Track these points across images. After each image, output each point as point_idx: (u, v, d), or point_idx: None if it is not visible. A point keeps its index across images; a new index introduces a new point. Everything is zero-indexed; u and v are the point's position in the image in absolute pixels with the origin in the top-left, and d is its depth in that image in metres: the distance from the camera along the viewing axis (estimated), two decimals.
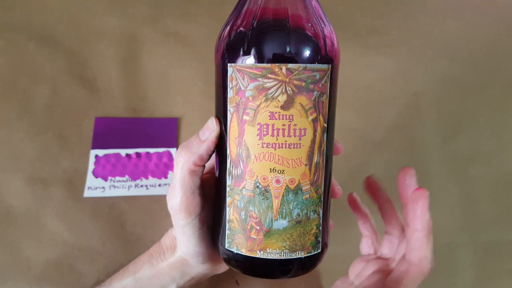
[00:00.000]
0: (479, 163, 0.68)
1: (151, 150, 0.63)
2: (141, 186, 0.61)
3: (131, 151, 0.63)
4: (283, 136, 0.33)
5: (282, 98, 0.32)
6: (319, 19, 0.34)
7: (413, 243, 0.40)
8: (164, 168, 0.63)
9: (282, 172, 0.33)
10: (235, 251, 0.36)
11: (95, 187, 0.60)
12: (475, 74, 0.75)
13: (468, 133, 0.70)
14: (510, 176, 0.67)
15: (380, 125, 0.69)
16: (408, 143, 0.68)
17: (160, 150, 0.64)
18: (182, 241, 0.41)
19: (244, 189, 0.34)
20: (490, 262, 0.61)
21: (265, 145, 0.33)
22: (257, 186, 0.34)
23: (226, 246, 0.36)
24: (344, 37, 0.74)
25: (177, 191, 0.38)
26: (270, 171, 0.33)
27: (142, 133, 0.64)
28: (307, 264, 0.37)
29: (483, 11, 0.81)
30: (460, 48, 0.77)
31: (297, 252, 0.35)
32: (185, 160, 0.37)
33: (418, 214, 0.39)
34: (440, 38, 0.77)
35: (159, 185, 0.61)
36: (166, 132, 0.65)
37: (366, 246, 0.50)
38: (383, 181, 0.65)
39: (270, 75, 0.32)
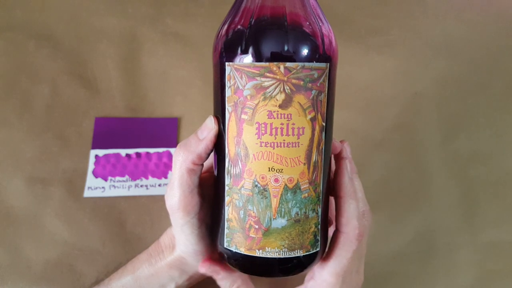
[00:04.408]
0: (479, 163, 0.68)
1: (151, 150, 0.63)
2: (141, 186, 0.61)
3: (131, 151, 0.63)
4: (282, 135, 0.33)
5: (281, 97, 0.32)
6: (317, 17, 0.34)
7: (337, 210, 0.39)
8: (164, 168, 0.63)
9: (281, 171, 0.33)
10: (234, 250, 0.36)
11: (95, 187, 0.60)
12: (475, 74, 0.75)
13: (468, 133, 0.70)
14: (510, 176, 0.67)
15: (380, 125, 0.69)
16: (408, 143, 0.68)
17: (160, 150, 0.64)
18: (181, 240, 0.41)
19: (242, 188, 0.34)
20: (490, 262, 0.61)
21: (263, 144, 0.33)
22: (256, 185, 0.34)
23: (225, 245, 0.36)
24: (344, 37, 0.75)
25: (175, 190, 0.38)
26: (269, 170, 0.33)
27: (142, 133, 0.64)
28: (306, 263, 0.37)
29: (483, 11, 0.81)
30: (460, 48, 0.77)
31: (296, 251, 0.35)
32: (184, 159, 0.37)
33: (337, 179, 0.39)
34: (440, 38, 0.77)
35: (159, 185, 0.61)
36: (166, 132, 0.65)
37: None
38: (383, 181, 0.65)
39: (268, 74, 0.32)
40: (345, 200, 0.38)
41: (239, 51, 0.33)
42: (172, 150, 0.64)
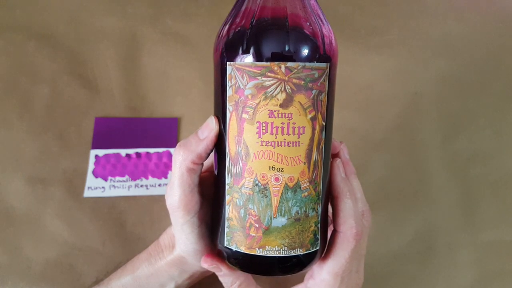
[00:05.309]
0: (479, 163, 0.68)
1: (151, 150, 0.63)
2: (141, 186, 0.61)
3: (131, 151, 0.63)
4: (282, 134, 0.33)
5: (281, 97, 0.33)
6: (318, 18, 0.35)
7: (333, 210, 0.39)
8: (164, 168, 0.63)
9: (281, 170, 0.33)
10: (234, 249, 0.36)
11: (95, 187, 0.60)
12: (475, 74, 0.75)
13: (468, 133, 0.70)
14: (510, 176, 0.67)
15: (380, 125, 0.69)
16: (408, 143, 0.68)
17: (160, 150, 0.64)
18: (181, 239, 0.41)
19: (243, 187, 0.34)
20: (490, 262, 0.61)
21: (264, 143, 0.33)
22: (256, 184, 0.34)
23: (225, 244, 0.36)
24: (344, 37, 0.75)
25: (175, 189, 0.38)
26: (269, 169, 0.33)
27: (142, 133, 0.64)
28: (305, 262, 0.37)
29: (483, 11, 0.81)
30: (460, 48, 0.77)
31: (296, 250, 0.35)
32: (183, 158, 0.37)
33: (332, 180, 0.39)
34: (440, 38, 0.77)
35: (159, 185, 0.61)
36: (166, 132, 0.65)
37: None
38: (383, 181, 0.65)
39: (269, 74, 0.32)
40: (340, 200, 0.38)
41: (240, 51, 0.33)
42: (172, 150, 0.64)
